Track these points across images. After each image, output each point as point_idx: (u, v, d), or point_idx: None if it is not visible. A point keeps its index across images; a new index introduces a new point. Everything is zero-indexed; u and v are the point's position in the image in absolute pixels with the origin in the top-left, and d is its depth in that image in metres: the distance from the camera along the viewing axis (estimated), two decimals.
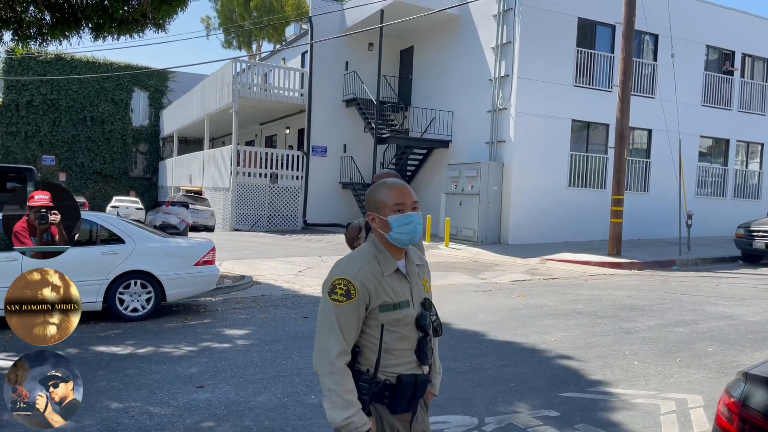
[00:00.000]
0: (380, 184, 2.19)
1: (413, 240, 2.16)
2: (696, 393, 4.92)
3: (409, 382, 2.13)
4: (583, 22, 16.75)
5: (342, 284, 2.07)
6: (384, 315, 2.09)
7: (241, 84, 21.34)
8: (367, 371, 2.13)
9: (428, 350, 2.17)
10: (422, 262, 2.33)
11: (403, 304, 2.13)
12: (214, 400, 4.69)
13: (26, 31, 9.67)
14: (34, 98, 33.26)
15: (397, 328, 2.12)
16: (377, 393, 2.12)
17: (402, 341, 2.13)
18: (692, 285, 10.65)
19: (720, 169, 19.72)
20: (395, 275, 2.15)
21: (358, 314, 2.07)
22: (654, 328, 7.18)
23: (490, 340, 6.61)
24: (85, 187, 34.45)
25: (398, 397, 2.13)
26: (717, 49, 19.30)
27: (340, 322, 2.06)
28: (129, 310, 7.52)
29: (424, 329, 2.15)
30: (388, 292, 2.11)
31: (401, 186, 2.16)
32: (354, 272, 2.09)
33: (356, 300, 2.06)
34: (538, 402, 4.71)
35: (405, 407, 2.15)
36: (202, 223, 20.55)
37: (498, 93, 16.68)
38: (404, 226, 2.11)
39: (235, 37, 42.25)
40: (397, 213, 2.11)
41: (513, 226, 16.19)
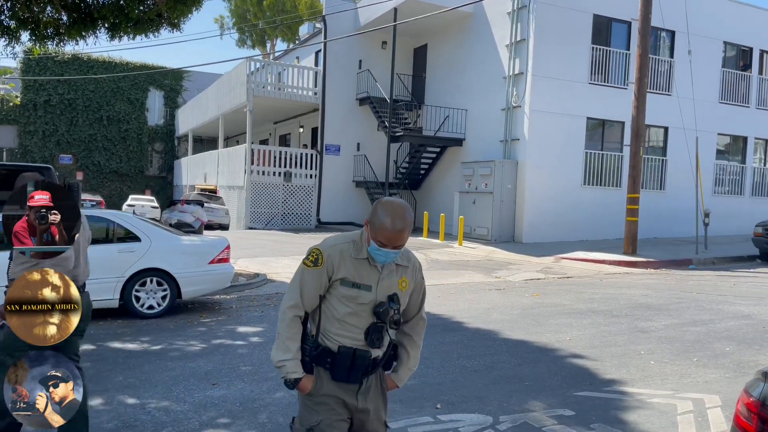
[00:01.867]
0: (387, 209, 2.30)
1: (384, 264, 2.38)
2: (713, 393, 4.86)
3: (347, 352, 2.35)
4: (598, 19, 16.60)
5: (315, 253, 2.38)
6: (342, 288, 2.35)
7: (255, 83, 21.43)
8: (312, 336, 2.42)
9: (377, 336, 2.36)
10: (407, 265, 2.48)
11: (363, 286, 2.36)
12: (229, 396, 4.72)
13: (43, 31, 9.77)
14: (51, 98, 33.65)
15: (350, 303, 2.35)
16: (318, 356, 2.38)
17: (353, 317, 2.36)
18: (709, 284, 10.53)
19: (738, 167, 19.47)
20: (366, 262, 2.37)
21: (320, 279, 2.36)
22: (670, 328, 7.11)
23: (504, 339, 6.59)
24: (102, 186, 34.79)
25: (338, 365, 2.36)
26: (735, 46, 19.05)
27: (302, 282, 2.38)
28: (145, 307, 7.59)
29: (378, 316, 2.36)
30: (350, 270, 2.36)
31: (395, 231, 2.28)
32: (328, 246, 2.39)
33: (320, 268, 2.35)
34: (553, 401, 4.68)
35: (345, 376, 2.37)
36: (216, 221, 20.65)
37: (512, 91, 16.60)
38: (378, 254, 2.33)
39: (249, 36, 42.44)
40: (377, 244, 2.31)
41: (527, 225, 16.11)
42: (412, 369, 2.60)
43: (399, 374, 2.59)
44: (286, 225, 21.39)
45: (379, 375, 2.51)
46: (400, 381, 2.59)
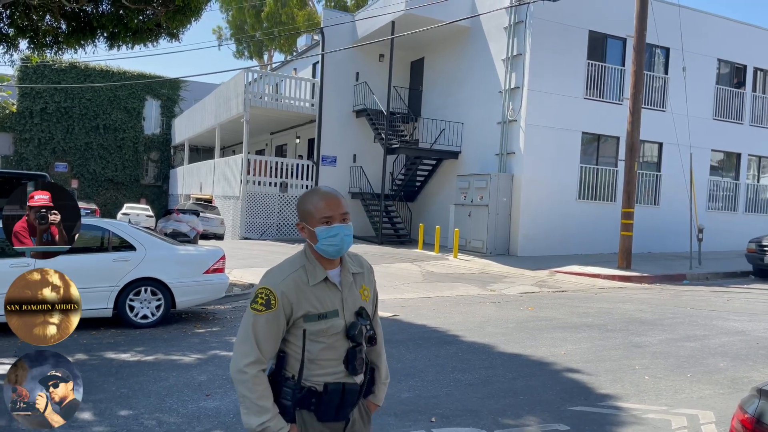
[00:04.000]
0: (311, 193, 2.16)
1: (341, 251, 2.14)
2: (707, 409, 4.87)
3: (336, 390, 2.10)
4: (594, 35, 16.76)
5: (263, 294, 2.07)
6: (308, 325, 2.08)
7: (252, 93, 21.49)
8: (292, 377, 2.12)
9: (358, 361, 2.14)
10: (361, 270, 2.28)
11: (330, 314, 2.11)
12: (223, 408, 4.70)
13: (42, 39, 9.80)
14: (48, 106, 33.66)
15: (322, 338, 2.10)
16: (302, 399, 2.10)
17: (328, 351, 2.11)
18: (703, 299, 10.56)
19: (731, 183, 19.59)
20: (324, 284, 2.13)
21: (277, 324, 2.07)
22: (665, 343, 7.12)
23: (499, 353, 6.58)
24: (97, 194, 34.73)
25: (325, 405, 2.10)
26: (729, 63, 19.25)
27: (256, 331, 2.06)
28: (139, 317, 7.55)
29: (354, 339, 2.13)
30: (312, 302, 2.09)
31: (331, 197, 2.13)
32: (278, 282, 2.08)
33: (275, 310, 2.06)
34: (547, 415, 4.68)
35: (333, 415, 2.12)
36: (212, 231, 20.62)
37: (508, 105, 16.70)
38: (331, 238, 2.09)
39: (247, 47, 42.61)
40: (324, 225, 2.09)
41: (522, 238, 16.15)
42: (385, 383, 2.38)
43: (377, 394, 2.35)
44: (281, 236, 21.37)
45: (360, 403, 2.27)
46: (379, 400, 2.37)
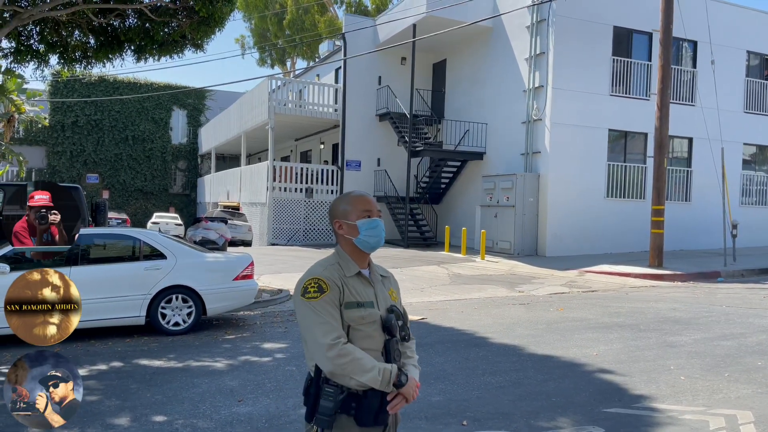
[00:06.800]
0: (345, 195, 2.36)
1: (379, 243, 2.27)
2: (746, 408, 4.75)
3: (375, 394, 2.14)
4: (618, 31, 16.53)
5: (313, 282, 2.15)
6: (348, 312, 2.16)
7: (276, 101, 21.69)
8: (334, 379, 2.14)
9: (395, 352, 2.20)
10: (387, 275, 2.41)
11: (367, 303, 2.20)
12: (255, 413, 4.74)
13: (72, 54, 10.05)
14: (79, 119, 34.46)
15: (362, 326, 2.17)
16: (344, 402, 2.12)
17: (367, 340, 2.17)
18: (739, 297, 10.32)
19: (765, 177, 19.11)
20: (358, 278, 2.24)
21: (335, 305, 2.14)
22: (700, 342, 6.97)
23: (530, 354, 6.52)
24: (127, 204, 35.40)
25: (365, 409, 2.13)
26: (758, 55, 18.81)
27: (320, 314, 2.11)
28: (171, 324, 7.67)
29: (389, 331, 2.20)
30: (351, 291, 2.19)
31: (367, 196, 2.32)
32: (321, 271, 2.19)
33: (330, 293, 2.13)
34: (580, 417, 4.61)
35: (372, 420, 2.15)
36: (239, 238, 20.84)
37: (532, 104, 16.56)
38: (372, 230, 2.23)
39: (270, 55, 43.02)
40: (365, 217, 2.24)
41: (550, 238, 15.98)
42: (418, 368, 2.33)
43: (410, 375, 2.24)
44: (308, 241, 21.50)
45: None
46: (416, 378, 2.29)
